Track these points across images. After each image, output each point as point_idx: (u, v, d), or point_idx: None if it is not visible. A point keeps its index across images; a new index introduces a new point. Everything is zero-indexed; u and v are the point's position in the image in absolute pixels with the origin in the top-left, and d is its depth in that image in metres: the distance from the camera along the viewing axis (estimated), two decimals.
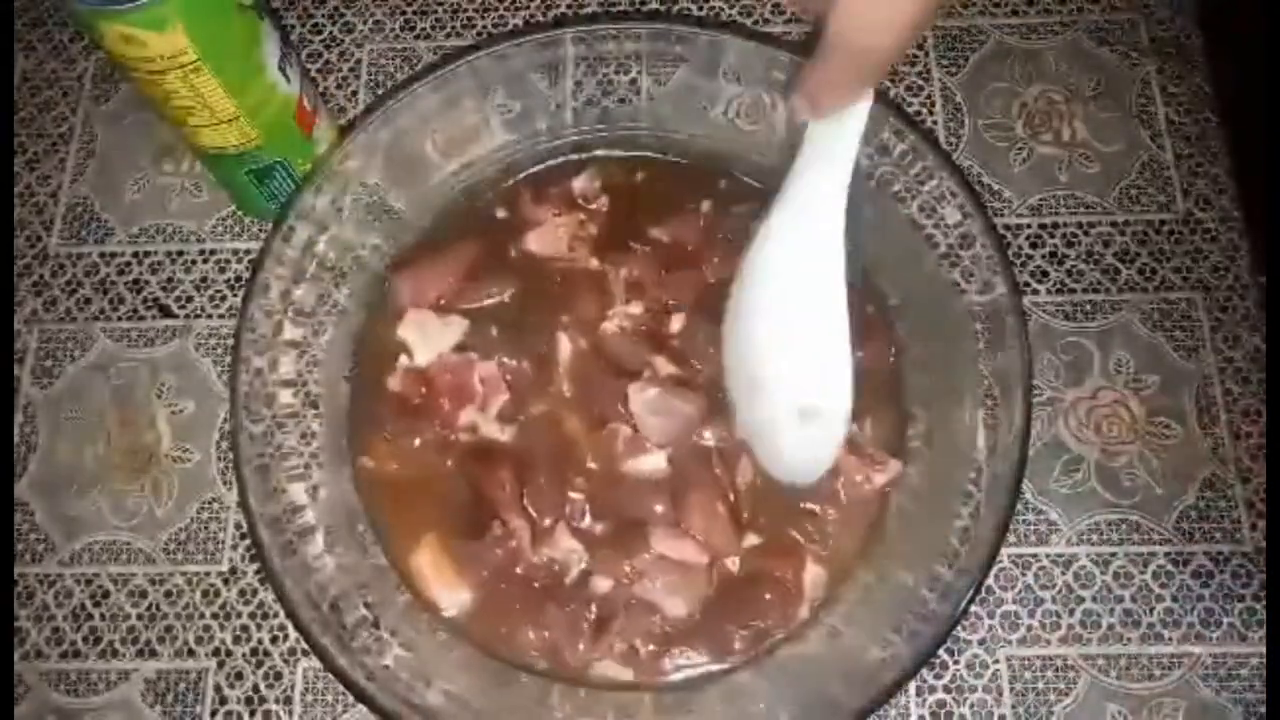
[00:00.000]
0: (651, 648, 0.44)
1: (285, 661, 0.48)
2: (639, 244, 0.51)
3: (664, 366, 0.48)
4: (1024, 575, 0.48)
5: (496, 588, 0.45)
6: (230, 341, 0.53)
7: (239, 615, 0.49)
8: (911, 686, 0.47)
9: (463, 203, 0.53)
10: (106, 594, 0.50)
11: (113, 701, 0.48)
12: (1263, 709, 0.45)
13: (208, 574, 0.50)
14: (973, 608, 0.47)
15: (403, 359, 0.49)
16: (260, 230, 0.56)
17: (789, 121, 0.50)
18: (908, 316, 0.49)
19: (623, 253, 0.50)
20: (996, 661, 0.47)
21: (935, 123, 0.57)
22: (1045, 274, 0.54)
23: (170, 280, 0.55)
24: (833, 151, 0.35)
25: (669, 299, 0.50)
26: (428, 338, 0.49)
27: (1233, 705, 0.46)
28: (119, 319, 0.55)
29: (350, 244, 0.49)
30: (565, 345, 0.49)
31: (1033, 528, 0.49)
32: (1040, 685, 0.47)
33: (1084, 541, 0.49)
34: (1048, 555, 0.49)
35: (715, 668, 0.45)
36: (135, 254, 0.56)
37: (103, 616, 0.49)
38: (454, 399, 0.48)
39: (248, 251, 0.56)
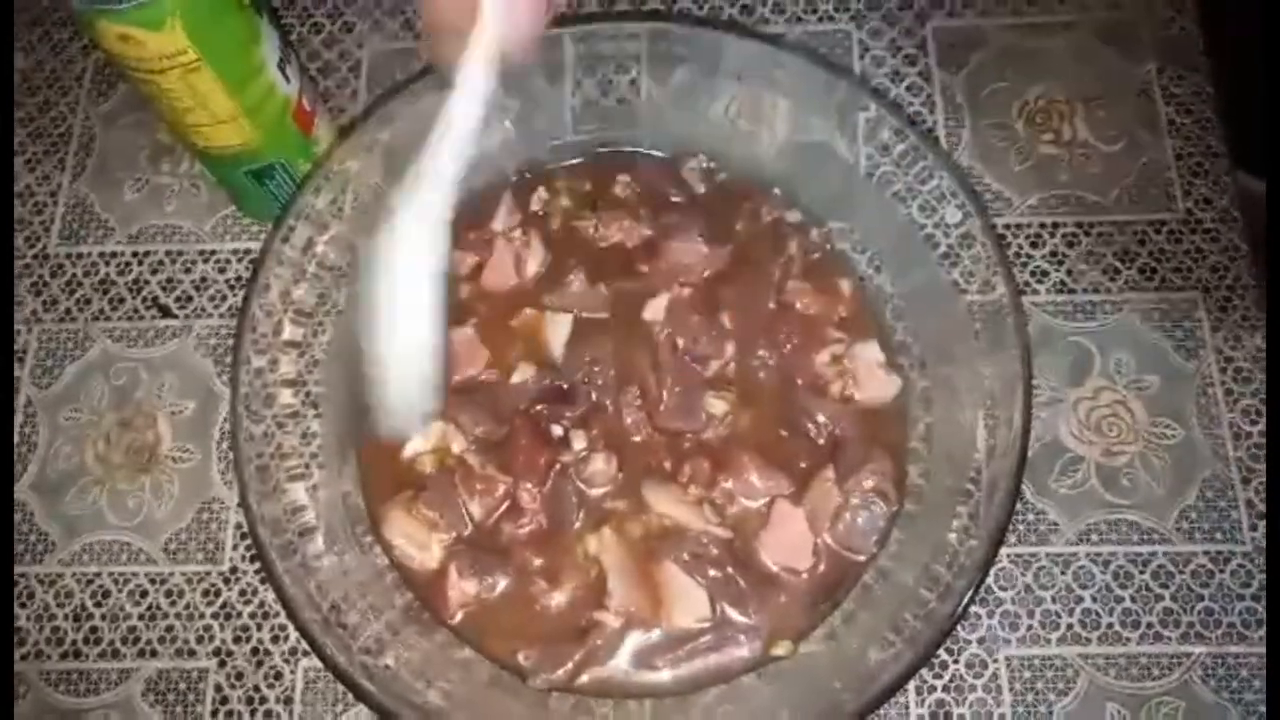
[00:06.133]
0: None
1: (286, 661, 0.48)
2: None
3: None
4: (1024, 575, 0.48)
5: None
6: (230, 341, 0.53)
7: (239, 615, 0.49)
8: (911, 686, 0.47)
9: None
10: (107, 594, 0.50)
11: (113, 701, 0.48)
12: (1262, 709, 0.46)
13: (208, 574, 0.50)
14: (972, 607, 0.47)
15: None
16: (260, 230, 0.56)
17: (788, 121, 0.50)
18: (908, 316, 0.49)
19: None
20: (996, 661, 0.47)
21: (936, 123, 0.57)
22: (1046, 274, 0.54)
23: (170, 280, 0.55)
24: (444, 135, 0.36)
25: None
26: None
27: (1232, 705, 0.46)
28: (119, 319, 0.55)
29: (350, 244, 0.49)
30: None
31: (1033, 527, 0.49)
32: (1040, 685, 0.47)
33: (1084, 541, 0.49)
34: (1048, 555, 0.49)
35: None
36: (135, 254, 0.56)
37: (103, 616, 0.49)
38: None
39: (247, 251, 0.56)
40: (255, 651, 0.48)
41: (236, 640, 0.49)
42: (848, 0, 0.60)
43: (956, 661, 0.47)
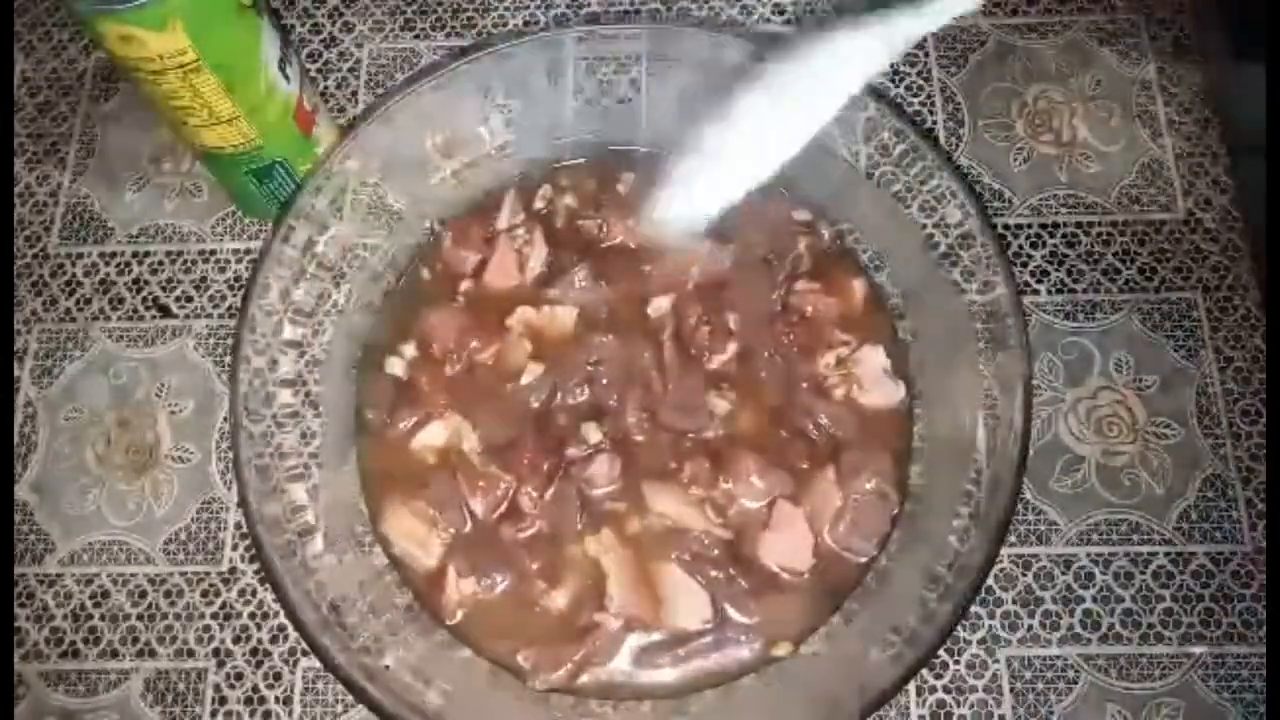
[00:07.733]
0: None
1: (285, 662, 0.48)
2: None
3: None
4: (1024, 575, 0.48)
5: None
6: (230, 341, 0.53)
7: (239, 615, 0.49)
8: (911, 686, 0.47)
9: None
10: (106, 594, 0.50)
11: (112, 702, 0.48)
12: (1262, 709, 0.45)
13: (208, 574, 0.50)
14: (973, 608, 0.47)
15: (408, 349, 0.50)
16: (260, 230, 0.56)
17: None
18: (908, 315, 0.49)
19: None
20: (996, 661, 0.47)
21: (936, 123, 0.57)
22: (1045, 274, 0.54)
23: (170, 280, 0.55)
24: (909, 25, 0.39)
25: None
26: None
27: (1232, 705, 0.46)
28: (119, 319, 0.55)
29: (350, 244, 0.49)
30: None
31: (1033, 528, 0.49)
32: (1040, 685, 0.47)
33: (1084, 542, 0.49)
34: (1048, 555, 0.49)
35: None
36: (135, 254, 0.56)
37: (103, 617, 0.49)
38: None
39: (247, 251, 0.56)
40: (254, 652, 0.48)
41: (236, 640, 0.49)
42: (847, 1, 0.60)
43: (957, 662, 0.47)
